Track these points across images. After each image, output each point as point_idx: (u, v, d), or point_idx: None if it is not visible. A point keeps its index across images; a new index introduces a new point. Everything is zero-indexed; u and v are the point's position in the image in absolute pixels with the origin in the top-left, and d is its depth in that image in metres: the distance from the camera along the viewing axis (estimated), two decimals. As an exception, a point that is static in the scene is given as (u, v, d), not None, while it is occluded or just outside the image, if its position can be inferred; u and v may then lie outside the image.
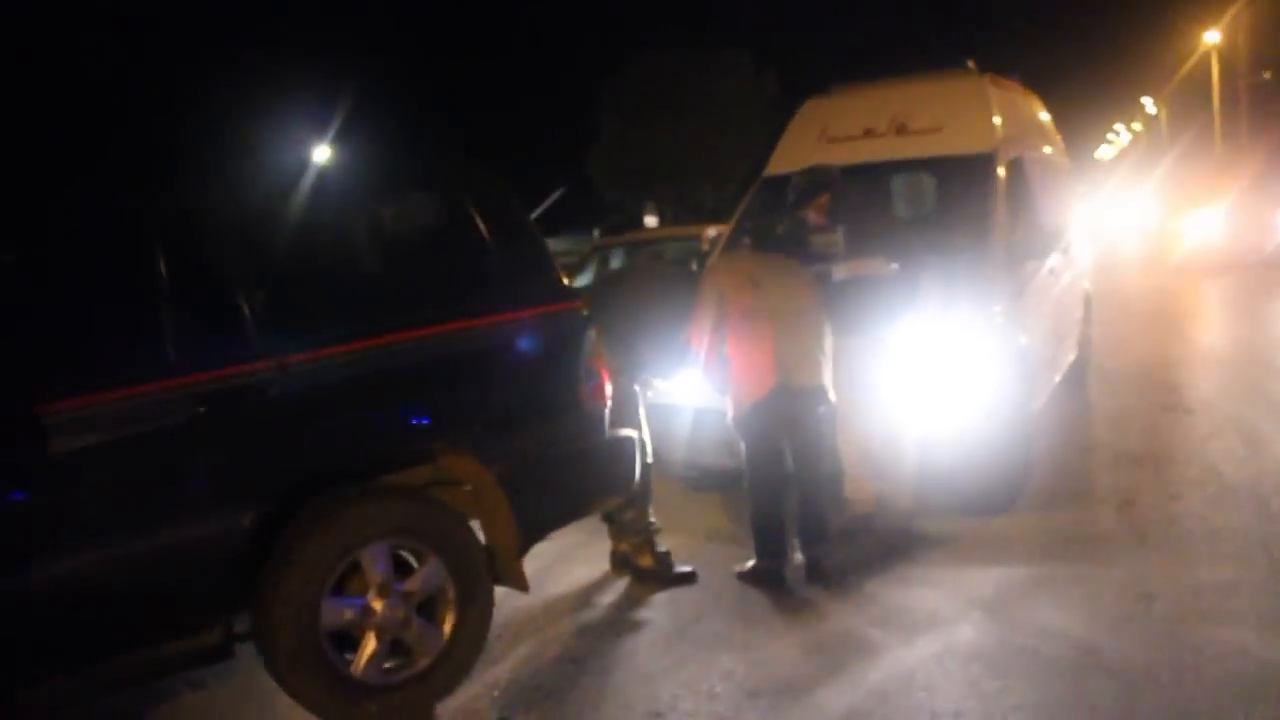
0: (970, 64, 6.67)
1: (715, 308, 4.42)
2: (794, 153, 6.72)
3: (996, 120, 6.25)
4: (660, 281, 4.73)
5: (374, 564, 3.44)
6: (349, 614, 3.39)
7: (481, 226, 3.76)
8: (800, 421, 4.43)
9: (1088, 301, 8.29)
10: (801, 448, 4.47)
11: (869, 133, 6.47)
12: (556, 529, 3.96)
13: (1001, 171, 5.94)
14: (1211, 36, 34.02)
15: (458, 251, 3.75)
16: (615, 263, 11.45)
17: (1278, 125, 27.14)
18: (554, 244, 13.73)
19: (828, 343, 4.48)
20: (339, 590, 3.39)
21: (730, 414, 4.49)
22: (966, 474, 5.05)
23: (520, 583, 3.76)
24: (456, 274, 3.71)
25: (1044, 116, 8.04)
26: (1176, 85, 40.63)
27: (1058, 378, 6.80)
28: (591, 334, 3.95)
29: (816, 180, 4.94)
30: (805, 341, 4.38)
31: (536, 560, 4.45)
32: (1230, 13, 32.58)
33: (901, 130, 6.37)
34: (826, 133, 6.64)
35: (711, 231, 9.77)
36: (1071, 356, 7.41)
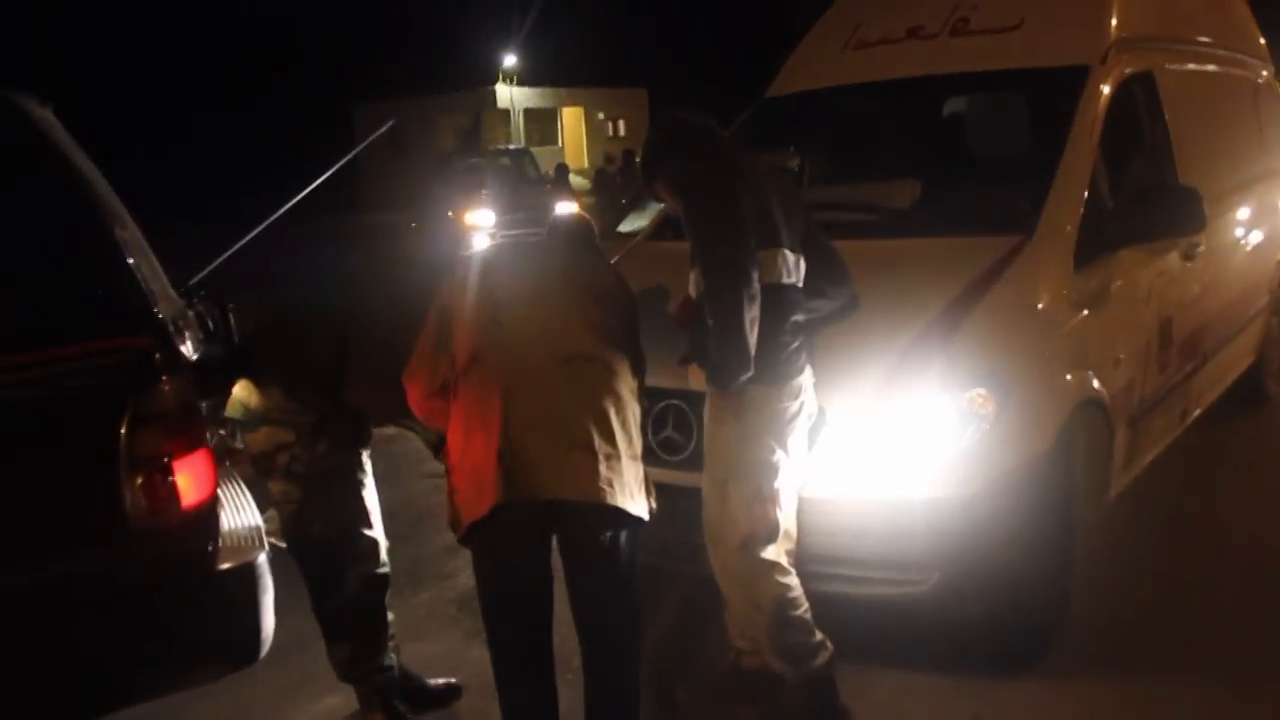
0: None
1: (436, 345, 2.48)
2: (809, 64, 4.66)
3: (1113, 12, 3.93)
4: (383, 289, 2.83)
5: None
6: None
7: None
8: (572, 562, 2.43)
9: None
10: (585, 608, 2.46)
11: (914, 33, 4.27)
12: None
13: (1103, 92, 3.67)
14: None
15: None
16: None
17: None
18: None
19: (632, 415, 2.44)
20: None
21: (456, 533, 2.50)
22: (953, 610, 3.03)
23: None
24: None
25: (1233, 6, 5.45)
26: None
27: (1195, 414, 4.45)
28: (164, 388, 2.19)
29: (665, 137, 2.78)
30: (570, 417, 2.33)
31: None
32: None
33: (960, 29, 4.14)
34: (856, 35, 4.49)
35: None
36: (1236, 372, 5.00)
